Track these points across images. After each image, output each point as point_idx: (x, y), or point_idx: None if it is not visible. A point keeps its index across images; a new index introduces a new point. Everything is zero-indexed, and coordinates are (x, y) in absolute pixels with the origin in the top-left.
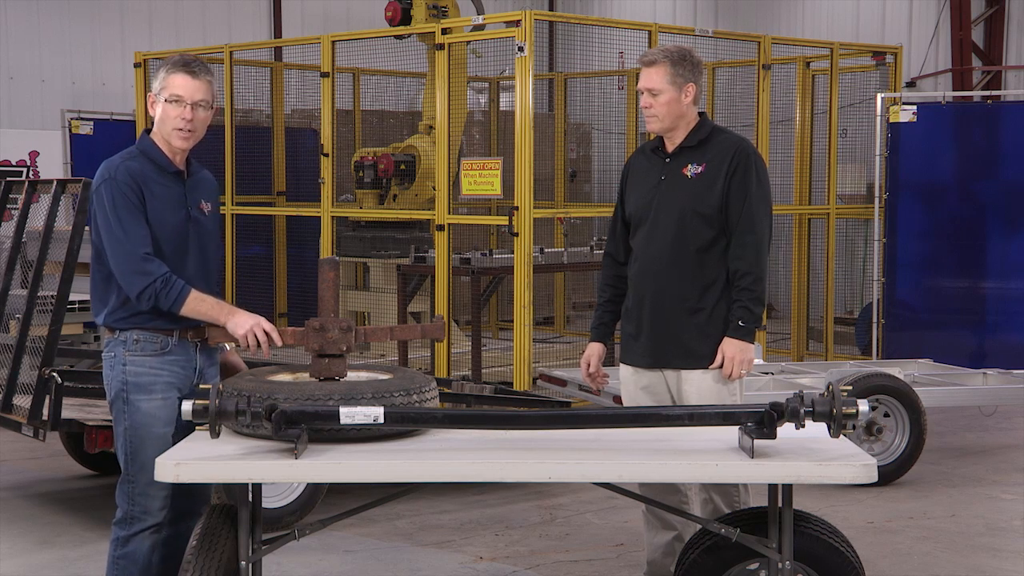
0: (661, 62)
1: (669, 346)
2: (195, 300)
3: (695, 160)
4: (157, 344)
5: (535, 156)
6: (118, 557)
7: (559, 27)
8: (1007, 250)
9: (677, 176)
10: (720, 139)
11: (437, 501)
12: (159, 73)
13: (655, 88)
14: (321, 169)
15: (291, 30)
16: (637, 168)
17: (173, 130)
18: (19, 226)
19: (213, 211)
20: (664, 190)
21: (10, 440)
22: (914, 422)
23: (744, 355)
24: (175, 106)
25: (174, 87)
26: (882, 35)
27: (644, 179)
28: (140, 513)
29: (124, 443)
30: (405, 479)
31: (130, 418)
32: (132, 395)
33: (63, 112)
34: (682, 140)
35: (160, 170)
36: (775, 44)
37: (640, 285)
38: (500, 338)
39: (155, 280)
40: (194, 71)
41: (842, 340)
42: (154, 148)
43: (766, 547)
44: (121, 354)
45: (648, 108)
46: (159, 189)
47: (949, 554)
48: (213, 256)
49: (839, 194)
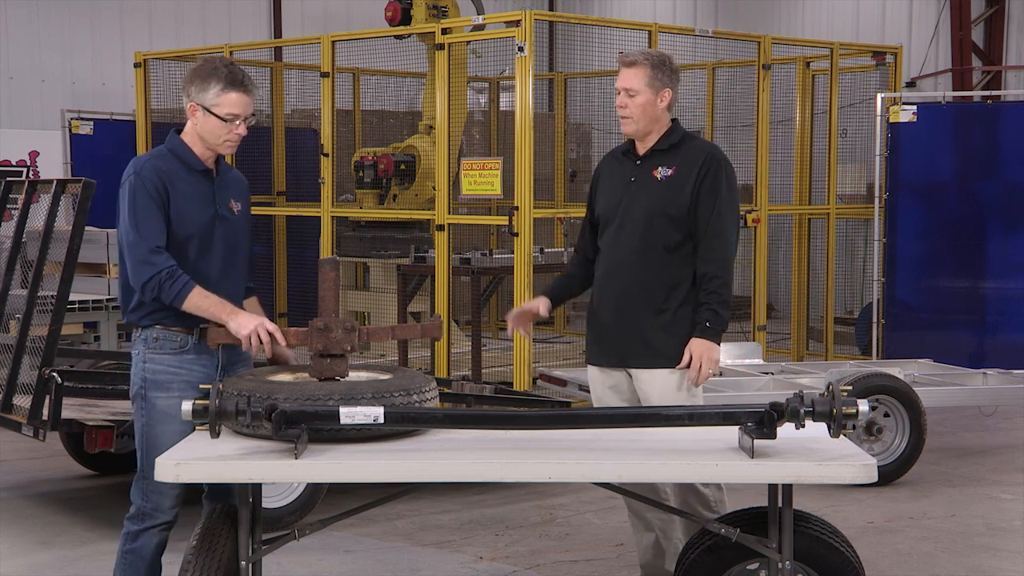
0: (641, 64)
1: (634, 345)
2: (198, 296)
3: (665, 163)
4: (176, 342)
5: (535, 156)
6: (127, 552)
7: (559, 27)
8: (1007, 250)
9: (647, 178)
10: (691, 145)
11: (437, 501)
12: (204, 84)
13: (632, 88)
14: (321, 169)
15: (291, 30)
16: (607, 171)
17: (224, 142)
18: (19, 226)
19: (243, 211)
20: (633, 191)
21: (10, 440)
22: (914, 422)
23: (711, 354)
24: (229, 123)
25: (231, 106)
26: (882, 35)
27: (613, 181)
28: (152, 510)
29: (141, 439)
30: (405, 479)
31: (147, 415)
32: (150, 392)
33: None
34: (654, 144)
35: (189, 169)
36: (775, 44)
37: (606, 285)
38: (500, 338)
39: (160, 271)
40: (247, 88)
41: (842, 340)
42: (183, 147)
43: (766, 547)
44: (142, 351)
45: (623, 108)
46: (186, 187)
47: (949, 554)
48: (243, 255)
49: (839, 194)
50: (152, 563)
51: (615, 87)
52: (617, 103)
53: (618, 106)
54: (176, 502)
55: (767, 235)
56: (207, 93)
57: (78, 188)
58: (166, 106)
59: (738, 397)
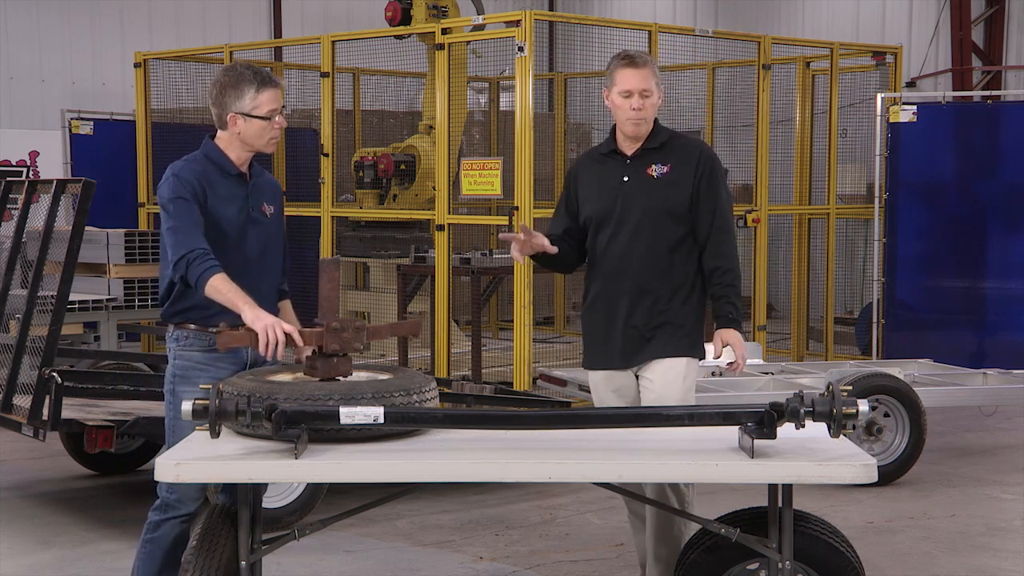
0: (649, 64)
1: (641, 344)
2: (220, 280)
3: (659, 161)
4: (205, 340)
5: (535, 156)
6: (146, 540)
7: (559, 27)
8: (1007, 250)
9: (642, 177)
10: (681, 142)
11: (437, 501)
12: (237, 92)
13: (648, 89)
14: (321, 169)
15: (291, 30)
16: (587, 173)
17: (269, 140)
18: (19, 226)
19: (276, 214)
20: (628, 191)
21: (10, 440)
22: (914, 422)
23: (742, 341)
24: (270, 121)
25: (268, 103)
26: (882, 35)
27: (602, 182)
28: (175, 501)
29: (168, 433)
30: (405, 479)
31: (174, 409)
32: (178, 387)
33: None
34: (644, 142)
35: (223, 173)
36: (775, 44)
37: (610, 287)
38: (500, 338)
39: (191, 251)
40: (275, 82)
41: (842, 340)
42: (218, 152)
43: (766, 547)
44: (173, 348)
45: (639, 111)
46: (222, 190)
47: (949, 554)
48: (276, 257)
49: (839, 194)
50: (170, 553)
51: (624, 90)
52: (631, 106)
53: (633, 109)
54: (200, 494)
55: (767, 235)
56: (243, 100)
57: (78, 188)
58: (166, 106)
59: (738, 397)
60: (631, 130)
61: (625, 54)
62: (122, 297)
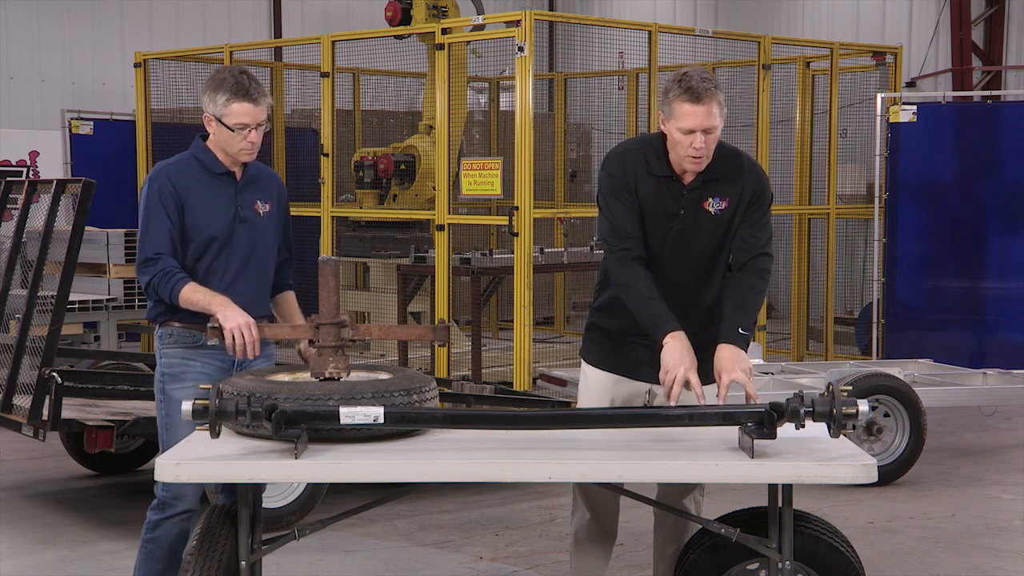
0: (713, 95)
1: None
2: (189, 291)
3: (718, 194)
4: (189, 338)
5: (535, 156)
6: (147, 540)
7: (559, 27)
8: (1007, 250)
9: (698, 211)
10: (734, 167)
11: (437, 501)
12: (214, 95)
13: (714, 126)
14: (321, 169)
15: (291, 30)
16: (645, 188)
17: (240, 151)
18: (19, 226)
19: (271, 212)
20: (683, 227)
21: (10, 440)
22: (914, 422)
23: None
24: (240, 132)
25: (238, 116)
26: (882, 35)
27: (656, 208)
28: (172, 499)
29: (162, 431)
30: (405, 479)
31: (165, 407)
32: (167, 385)
33: (63, 112)
34: (704, 172)
35: (208, 171)
36: (775, 44)
37: None
38: (500, 338)
39: (155, 274)
40: (254, 98)
41: (842, 340)
42: (206, 152)
43: (766, 547)
44: (159, 347)
45: (700, 149)
46: (204, 189)
47: (949, 554)
48: (267, 256)
49: (839, 194)
50: (170, 552)
51: (685, 128)
52: (692, 145)
53: (695, 146)
54: (198, 490)
55: None
56: (216, 104)
57: (78, 188)
58: (166, 106)
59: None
60: (690, 166)
61: (687, 84)
62: (122, 297)
